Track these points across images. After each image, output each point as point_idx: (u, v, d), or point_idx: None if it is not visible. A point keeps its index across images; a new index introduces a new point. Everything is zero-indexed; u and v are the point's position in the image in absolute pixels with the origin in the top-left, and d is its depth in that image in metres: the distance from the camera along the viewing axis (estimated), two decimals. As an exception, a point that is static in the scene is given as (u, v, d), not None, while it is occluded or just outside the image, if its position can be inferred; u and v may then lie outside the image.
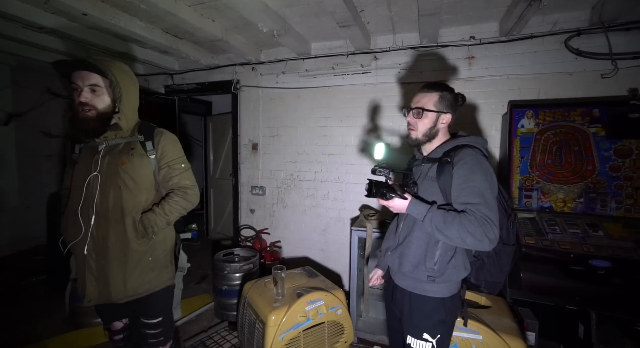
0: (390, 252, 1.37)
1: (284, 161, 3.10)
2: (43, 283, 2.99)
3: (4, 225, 3.38)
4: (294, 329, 1.74)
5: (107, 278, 1.27)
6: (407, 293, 1.26)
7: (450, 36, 2.42)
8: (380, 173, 1.22)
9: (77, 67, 1.21)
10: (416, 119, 1.23)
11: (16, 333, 2.32)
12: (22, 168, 3.57)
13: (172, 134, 1.44)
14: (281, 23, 2.31)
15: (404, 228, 1.31)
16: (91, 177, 1.26)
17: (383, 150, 1.25)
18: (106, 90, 1.26)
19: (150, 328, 1.40)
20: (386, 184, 1.21)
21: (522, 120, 2.01)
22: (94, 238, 1.26)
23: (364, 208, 2.71)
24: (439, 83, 1.26)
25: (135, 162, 1.30)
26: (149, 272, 1.34)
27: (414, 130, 1.25)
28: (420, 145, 1.28)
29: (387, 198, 1.19)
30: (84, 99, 1.21)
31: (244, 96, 3.23)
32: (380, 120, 2.73)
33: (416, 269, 1.21)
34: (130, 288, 1.30)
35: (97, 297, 1.29)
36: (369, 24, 2.42)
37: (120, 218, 1.27)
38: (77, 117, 1.22)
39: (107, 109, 1.27)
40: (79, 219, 1.25)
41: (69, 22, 2.44)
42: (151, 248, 1.34)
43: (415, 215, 1.17)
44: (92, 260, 1.27)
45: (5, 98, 3.35)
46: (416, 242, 1.24)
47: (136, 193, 1.30)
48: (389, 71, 2.67)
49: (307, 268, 2.27)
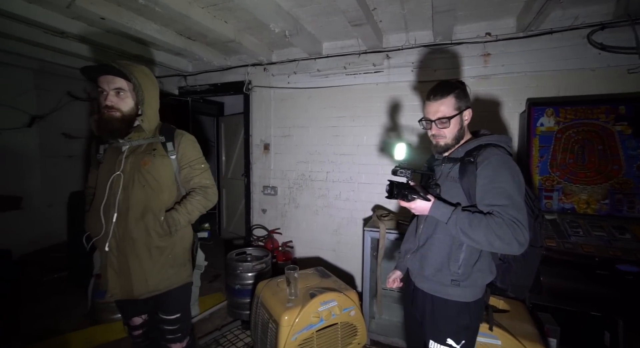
0: (410, 255, 1.35)
1: (296, 161, 3.10)
2: (64, 279, 3.09)
3: (27, 223, 3.51)
4: (307, 330, 1.74)
5: (128, 274, 1.31)
6: (429, 296, 1.23)
7: (465, 33, 2.36)
8: (401, 174, 1.20)
9: (103, 72, 1.26)
10: (443, 129, 1.19)
11: (39, 327, 2.41)
12: (45, 168, 3.70)
13: (191, 135, 1.48)
14: (293, 23, 2.31)
15: (425, 230, 1.29)
16: (114, 176, 1.31)
17: (404, 150, 1.23)
18: (130, 94, 1.31)
19: (168, 324, 1.43)
20: (407, 185, 1.19)
21: (542, 119, 1.94)
22: (115, 235, 1.30)
23: (377, 208, 2.68)
24: (446, 84, 1.21)
25: (157, 162, 1.35)
26: (169, 269, 1.38)
27: (443, 138, 1.21)
28: (449, 150, 1.24)
29: (409, 200, 1.16)
30: (110, 102, 1.26)
31: (256, 96, 3.25)
32: (393, 119, 2.70)
33: (439, 272, 1.18)
34: (151, 284, 1.34)
35: (119, 292, 1.33)
36: (381, 22, 2.39)
37: (142, 216, 1.31)
38: (103, 118, 1.27)
39: (131, 111, 1.31)
40: (101, 217, 1.30)
41: (88, 26, 2.51)
42: (171, 246, 1.38)
43: (439, 217, 1.14)
44: (114, 256, 1.31)
45: (29, 101, 3.48)
46: (438, 245, 1.21)
47: (158, 192, 1.34)
48: (402, 70, 2.63)
49: (320, 269, 2.26)
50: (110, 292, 1.33)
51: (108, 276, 1.33)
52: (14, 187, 3.41)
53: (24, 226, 3.47)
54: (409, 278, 1.42)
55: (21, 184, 3.48)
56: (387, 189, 1.19)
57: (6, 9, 2.00)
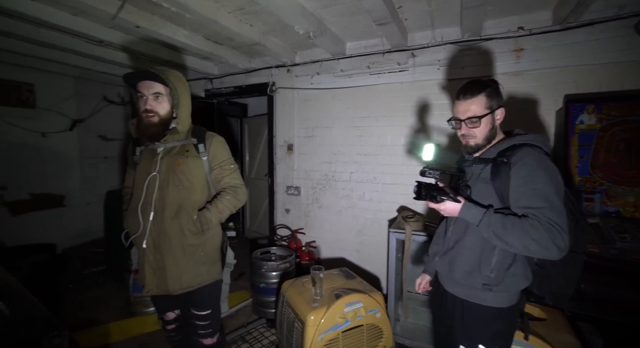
0: (438, 257, 1.32)
1: (319, 161, 3.11)
2: (101, 273, 3.29)
3: (69, 219, 3.77)
4: (333, 330, 1.74)
5: (164, 270, 1.37)
6: (459, 300, 1.20)
7: (496, 28, 2.27)
8: (429, 175, 1.18)
9: (142, 78, 1.33)
10: (473, 129, 1.15)
11: (83, 317, 2.58)
12: (83, 168, 3.95)
13: (221, 137, 1.54)
14: (317, 24, 2.32)
15: (454, 233, 1.26)
16: (151, 177, 1.37)
17: (432, 151, 1.20)
18: (167, 98, 1.37)
19: (200, 320, 1.48)
20: (436, 186, 1.16)
21: (581, 116, 1.83)
22: (152, 233, 1.36)
23: (402, 209, 2.64)
24: (477, 82, 1.17)
25: (190, 163, 1.40)
26: (201, 266, 1.43)
27: (473, 138, 1.17)
28: (480, 150, 1.20)
29: (438, 202, 1.14)
30: (149, 106, 1.33)
31: (280, 98, 3.29)
32: (419, 119, 2.64)
33: (469, 276, 1.15)
34: (184, 281, 1.39)
35: (155, 288, 1.40)
36: (406, 20, 2.35)
37: (177, 215, 1.36)
38: (142, 122, 1.34)
39: (167, 114, 1.37)
40: (139, 215, 1.36)
41: (124, 35, 2.65)
42: (203, 244, 1.43)
43: (469, 220, 1.11)
44: (151, 253, 1.38)
45: (70, 106, 3.73)
46: (469, 247, 1.18)
47: (191, 192, 1.39)
48: (428, 68, 2.57)
49: (344, 270, 2.26)
50: (147, 287, 1.40)
51: (145, 272, 1.39)
52: (57, 186, 3.67)
53: (66, 222, 3.73)
54: (438, 282, 1.39)
55: (63, 184, 3.74)
56: (415, 190, 1.17)
57: (54, 22, 2.16)
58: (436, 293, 1.40)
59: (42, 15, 2.08)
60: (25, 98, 3.25)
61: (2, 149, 3.15)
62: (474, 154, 1.22)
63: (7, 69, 3.10)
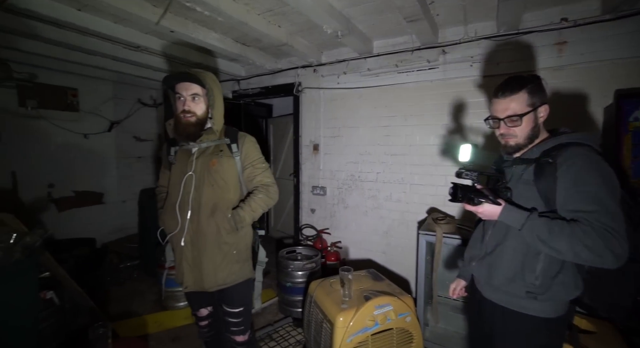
0: (475, 262, 1.27)
1: (345, 161, 3.09)
2: (136, 267, 3.45)
3: (107, 216, 4.00)
4: (362, 333, 1.71)
5: (200, 268, 1.41)
6: (499, 308, 1.14)
7: (535, 21, 2.14)
8: (466, 176, 1.13)
9: (181, 80, 1.37)
10: (513, 128, 1.09)
11: (120, 308, 2.73)
12: (120, 167, 4.18)
13: (252, 137, 1.56)
14: (345, 23, 2.30)
15: (493, 237, 1.20)
16: (187, 176, 1.40)
17: (469, 151, 1.15)
18: (203, 99, 1.41)
19: (232, 317, 1.51)
20: (474, 188, 1.11)
21: (636, 112, 1.68)
22: (189, 232, 1.39)
23: (432, 211, 2.56)
24: (517, 78, 1.10)
25: (224, 163, 1.43)
26: (234, 264, 1.46)
27: (513, 137, 1.11)
28: (521, 150, 1.13)
29: (475, 204, 1.09)
30: (187, 106, 1.36)
31: (306, 98, 3.30)
32: (451, 117, 2.55)
33: (511, 282, 1.09)
34: (220, 278, 1.42)
35: (192, 285, 1.43)
36: (438, 16, 2.28)
37: (213, 213, 1.39)
38: (180, 122, 1.37)
39: (204, 115, 1.41)
40: (177, 214, 1.40)
41: (157, 39, 2.77)
42: (236, 242, 1.45)
43: (510, 223, 1.05)
44: (188, 251, 1.41)
45: (108, 108, 3.96)
46: (510, 253, 1.11)
47: (225, 191, 1.42)
48: (459, 65, 2.47)
49: (372, 271, 2.22)
50: (185, 284, 1.44)
51: (183, 269, 1.43)
52: (97, 184, 3.91)
53: (105, 218, 3.96)
54: (474, 287, 1.33)
55: (102, 182, 3.97)
56: (450, 192, 1.12)
57: (98, 30, 2.30)
58: (473, 300, 1.34)
59: (89, 25, 2.22)
60: (70, 102, 3.49)
61: (51, 149, 3.40)
62: (514, 154, 1.16)
63: (56, 75, 3.33)
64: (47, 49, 2.71)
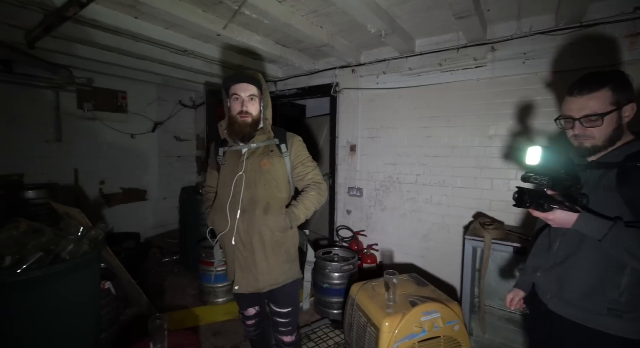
0: (541, 273, 1.19)
1: (383, 163, 3.04)
2: (176, 262, 3.61)
3: (150, 212, 4.23)
4: (409, 339, 1.67)
5: (254, 267, 1.42)
6: (572, 324, 1.05)
7: (602, 12, 1.97)
8: (535, 180, 1.05)
9: (240, 80, 1.39)
10: (591, 128, 1.01)
11: (163, 301, 2.86)
12: (161, 166, 4.41)
13: (299, 137, 1.57)
14: (389, 22, 2.26)
15: (564, 246, 1.11)
16: (238, 176, 1.41)
17: (539, 154, 1.07)
18: (258, 99, 1.42)
19: (281, 317, 1.51)
20: (544, 193, 1.04)
21: None
22: (239, 232, 1.40)
23: (478, 215, 2.45)
24: (598, 75, 1.01)
25: (275, 163, 1.44)
26: (284, 264, 1.46)
27: (590, 139, 1.02)
28: (598, 153, 1.05)
29: (546, 210, 1.01)
30: (245, 107, 1.38)
31: (343, 98, 3.29)
32: (499, 118, 2.42)
33: (589, 297, 1.00)
34: (273, 277, 1.43)
35: (245, 287, 1.44)
36: (489, 11, 2.17)
37: (265, 212, 1.39)
38: (237, 122, 1.39)
39: (258, 115, 1.43)
40: (227, 213, 1.41)
41: (203, 43, 2.87)
42: (287, 242, 1.46)
43: (588, 233, 0.97)
44: (239, 251, 1.42)
45: (152, 110, 4.18)
46: (586, 264, 1.03)
47: (277, 191, 1.43)
48: (510, 62, 2.34)
49: (414, 275, 2.16)
50: (237, 284, 1.45)
51: (235, 270, 1.44)
52: (141, 181, 4.14)
53: (148, 214, 4.19)
54: (537, 299, 1.24)
55: (145, 179, 4.21)
56: (515, 197, 1.05)
57: (150, 35, 2.42)
58: (536, 313, 1.26)
59: (143, 31, 2.35)
60: (120, 104, 3.73)
61: (103, 149, 3.65)
62: (590, 157, 1.07)
63: (108, 79, 3.58)
64: (102, 55, 2.90)
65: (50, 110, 3.25)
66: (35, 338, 1.32)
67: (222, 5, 2.11)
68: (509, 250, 2.04)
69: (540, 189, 1.06)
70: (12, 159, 3.03)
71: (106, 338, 2.07)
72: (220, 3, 2.08)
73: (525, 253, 1.92)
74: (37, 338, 1.33)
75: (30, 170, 3.12)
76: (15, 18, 2.07)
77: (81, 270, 1.52)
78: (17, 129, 3.06)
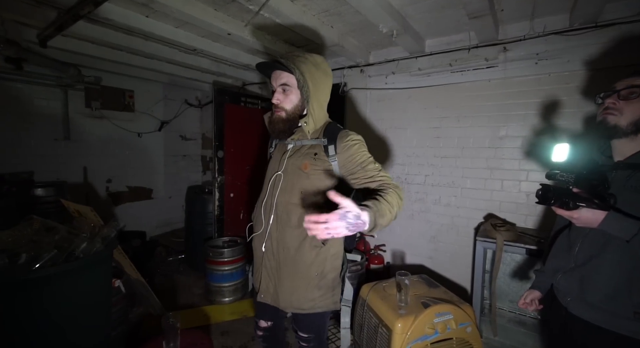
0: (561, 274, 1.17)
1: (391, 163, 3.02)
2: (182, 261, 3.61)
3: (155, 210, 4.23)
4: (422, 341, 1.65)
5: (279, 282, 1.25)
6: (594, 328, 1.03)
7: (619, 12, 1.95)
8: (561, 178, 1.03)
9: (271, 67, 1.19)
10: (624, 101, 1.00)
11: (170, 301, 2.85)
12: (167, 165, 4.40)
13: (357, 136, 1.23)
14: (401, 21, 2.25)
15: (586, 247, 1.09)
16: (276, 175, 1.24)
17: (566, 151, 1.05)
18: (294, 90, 1.17)
19: (303, 341, 1.35)
20: (570, 191, 1.02)
21: None
22: (271, 238, 1.24)
23: (488, 217, 2.43)
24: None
25: (317, 168, 1.19)
26: (314, 290, 1.22)
27: (615, 113, 1.01)
28: (613, 138, 1.04)
29: (571, 208, 0.99)
30: (276, 100, 1.19)
31: (351, 98, 3.28)
32: (511, 119, 2.41)
33: (613, 301, 0.99)
34: (295, 301, 1.22)
35: (270, 297, 1.28)
36: (502, 11, 2.16)
37: (299, 224, 1.17)
38: (272, 118, 1.23)
39: (295, 109, 1.19)
40: (262, 215, 1.27)
41: (212, 42, 2.87)
42: (320, 262, 1.21)
43: (616, 233, 0.95)
44: (267, 259, 1.26)
45: (159, 109, 4.18)
46: (610, 267, 1.01)
47: (316, 202, 1.19)
48: (522, 63, 2.33)
49: (424, 277, 2.15)
50: (262, 293, 1.30)
51: (261, 277, 1.29)
52: (147, 180, 4.14)
53: (154, 213, 4.19)
54: (556, 301, 1.22)
55: (151, 178, 4.21)
56: (539, 194, 1.03)
57: (161, 34, 2.42)
58: (555, 316, 1.24)
59: (154, 30, 2.34)
60: (127, 103, 3.73)
61: (110, 147, 3.66)
62: (610, 137, 1.06)
63: (116, 78, 3.58)
64: (111, 54, 2.89)
65: (59, 109, 3.26)
66: (51, 334, 1.32)
67: (234, 5, 2.11)
68: (521, 252, 2.02)
69: (565, 187, 1.04)
70: (22, 157, 3.03)
71: (116, 336, 2.06)
72: (232, 2, 2.07)
73: (540, 256, 1.91)
74: (52, 334, 1.33)
75: (40, 169, 3.13)
76: (29, 16, 2.07)
77: (94, 268, 1.52)
78: (26, 127, 3.07)
